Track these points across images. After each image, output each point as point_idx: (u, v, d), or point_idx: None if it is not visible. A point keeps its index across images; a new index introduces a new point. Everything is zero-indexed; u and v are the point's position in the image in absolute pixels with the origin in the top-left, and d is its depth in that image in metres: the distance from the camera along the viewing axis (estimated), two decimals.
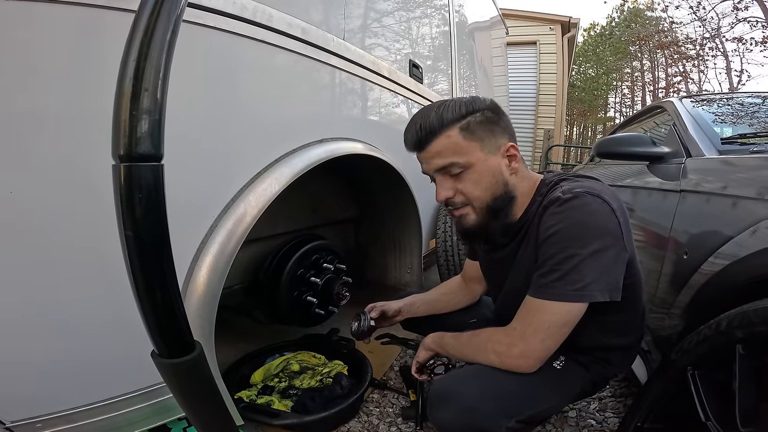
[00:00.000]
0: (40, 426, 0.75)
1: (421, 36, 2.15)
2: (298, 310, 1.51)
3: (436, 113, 0.83)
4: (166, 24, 0.58)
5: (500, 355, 0.81)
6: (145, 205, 0.57)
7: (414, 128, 0.85)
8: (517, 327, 0.81)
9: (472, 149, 0.83)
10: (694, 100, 1.75)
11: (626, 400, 1.36)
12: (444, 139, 0.83)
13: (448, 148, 0.83)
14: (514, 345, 0.80)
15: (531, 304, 0.79)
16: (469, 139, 0.82)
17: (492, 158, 0.84)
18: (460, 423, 0.79)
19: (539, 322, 0.77)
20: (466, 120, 0.82)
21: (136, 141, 0.54)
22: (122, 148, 0.55)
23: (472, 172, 0.84)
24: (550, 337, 0.78)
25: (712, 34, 14.78)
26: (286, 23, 1.07)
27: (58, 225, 0.72)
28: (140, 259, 0.58)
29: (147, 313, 0.61)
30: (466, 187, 0.85)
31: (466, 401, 0.79)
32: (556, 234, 0.77)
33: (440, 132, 0.82)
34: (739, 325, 0.66)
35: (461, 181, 0.85)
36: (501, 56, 4.26)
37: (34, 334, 0.73)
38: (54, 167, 0.70)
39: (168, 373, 0.67)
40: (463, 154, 0.83)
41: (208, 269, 0.91)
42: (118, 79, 0.56)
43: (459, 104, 0.83)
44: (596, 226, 0.75)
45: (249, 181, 1.01)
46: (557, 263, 0.76)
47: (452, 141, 0.82)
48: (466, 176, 0.84)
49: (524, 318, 0.80)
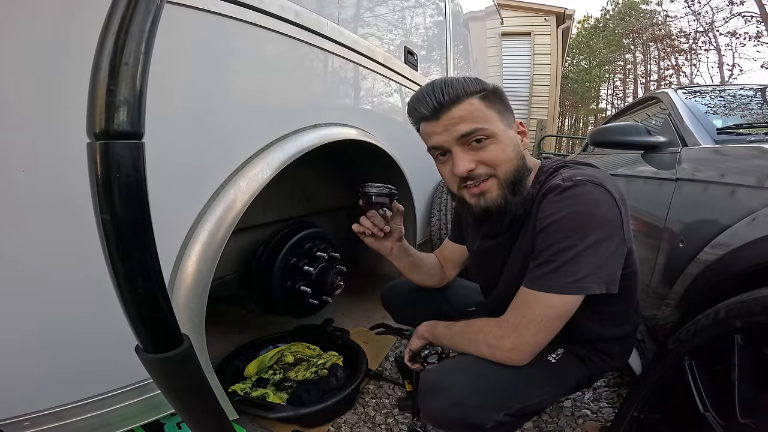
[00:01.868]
0: (28, 424, 0.72)
1: (416, 24, 2.12)
2: (291, 300, 1.49)
3: (457, 81, 0.79)
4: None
5: (492, 347, 0.80)
6: (124, 186, 0.54)
7: (433, 93, 0.79)
8: (510, 319, 0.79)
9: (494, 119, 0.80)
10: (689, 91, 1.75)
11: (620, 390, 1.37)
12: (467, 105, 0.79)
13: (472, 114, 0.78)
14: (506, 337, 0.78)
15: (526, 295, 0.77)
16: (490, 108, 0.80)
17: (510, 131, 0.83)
18: (449, 415, 0.79)
19: (533, 315, 0.76)
20: (484, 92, 0.80)
21: (113, 117, 0.51)
22: (98, 125, 0.51)
23: (496, 142, 0.80)
24: (543, 330, 0.76)
25: (706, 28, 14.85)
26: (279, 6, 1.04)
27: (35, 213, 0.68)
28: (118, 245, 0.55)
29: (128, 304, 0.58)
30: (492, 157, 0.80)
31: (455, 393, 0.78)
32: (555, 223, 0.74)
33: (464, 98, 0.79)
34: (738, 314, 0.65)
35: (485, 151, 0.80)
36: (495, 46, 4.23)
37: (19, 329, 0.70)
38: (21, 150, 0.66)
39: (154, 368, 0.64)
40: (488, 121, 0.79)
41: (197, 258, 0.88)
42: (95, 53, 0.52)
43: (472, 80, 0.81)
44: (597, 216, 0.73)
45: (239, 166, 0.98)
46: (554, 254, 0.73)
47: (476, 107, 0.79)
48: (489, 146, 0.79)
49: (518, 310, 0.78)
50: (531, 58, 8.57)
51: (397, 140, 1.70)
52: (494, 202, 0.82)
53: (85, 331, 0.77)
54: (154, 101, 0.60)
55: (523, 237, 0.85)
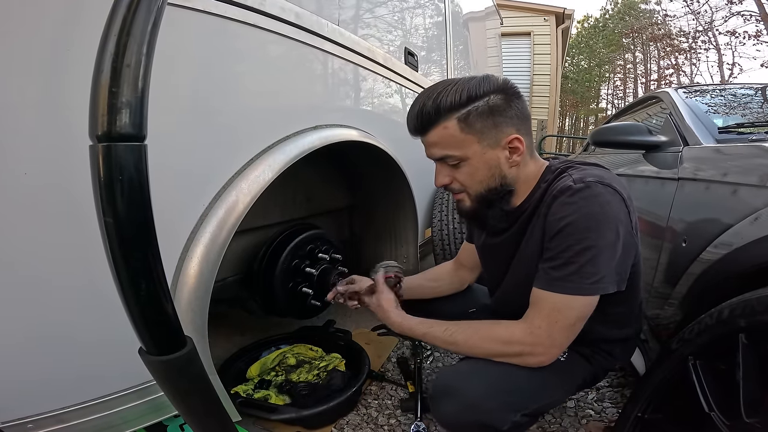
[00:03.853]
0: (32, 426, 0.72)
1: (416, 25, 2.12)
2: (293, 301, 1.49)
3: (434, 101, 0.79)
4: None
5: (522, 355, 0.79)
6: (127, 188, 0.54)
7: (412, 114, 0.83)
8: (541, 326, 0.77)
9: (468, 142, 0.80)
10: (689, 90, 1.75)
11: (624, 390, 1.37)
12: (441, 130, 0.80)
13: (444, 140, 0.81)
14: (540, 344, 0.77)
15: (552, 299, 0.76)
16: (466, 132, 0.79)
17: (490, 152, 0.81)
18: (464, 418, 0.78)
19: (565, 319, 0.75)
20: (466, 110, 0.78)
21: (115, 119, 0.51)
22: (100, 127, 0.51)
23: (467, 165, 0.82)
24: (574, 332, 0.77)
25: (705, 27, 14.86)
26: (279, 7, 1.04)
27: (38, 215, 0.68)
28: (121, 248, 0.55)
29: (131, 306, 0.57)
30: (461, 178, 0.85)
31: (469, 396, 0.78)
32: (570, 225, 0.74)
33: (437, 122, 0.80)
34: (741, 313, 0.65)
35: (458, 172, 0.84)
36: (495, 47, 4.23)
37: (21, 331, 0.70)
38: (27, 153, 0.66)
39: (157, 371, 0.64)
40: (459, 147, 0.80)
41: (200, 260, 0.88)
42: (97, 55, 0.52)
43: (461, 90, 0.78)
44: (610, 217, 0.73)
45: (241, 168, 0.97)
46: (573, 255, 0.73)
47: (449, 133, 0.80)
48: (461, 167, 0.83)
49: (549, 316, 0.76)
50: (531, 58, 8.58)
51: (399, 141, 1.70)
52: (468, 211, 0.89)
53: (87, 333, 0.77)
54: (155, 103, 0.60)
55: (530, 237, 0.85)
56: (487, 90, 0.79)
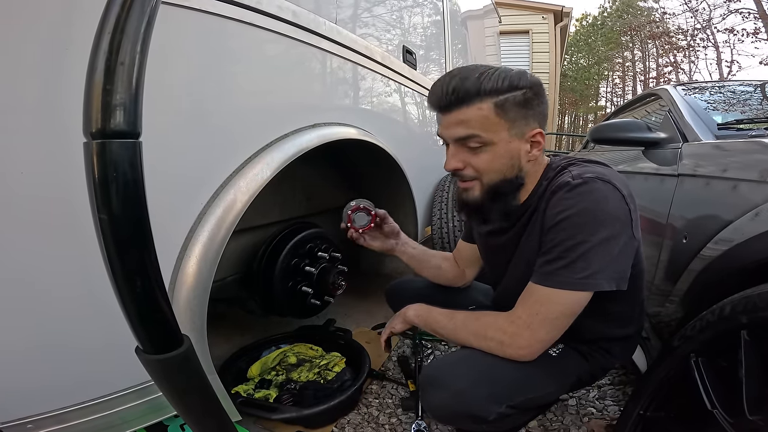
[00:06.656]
0: (32, 427, 0.72)
1: (414, 23, 2.12)
2: (293, 300, 1.48)
3: (476, 79, 0.76)
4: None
5: (502, 344, 0.79)
6: (121, 185, 0.53)
7: (445, 88, 0.78)
8: (522, 316, 0.78)
9: (499, 128, 0.78)
10: (688, 87, 1.74)
11: (625, 387, 1.36)
12: (475, 110, 0.77)
13: (475, 120, 0.78)
14: (519, 335, 0.77)
15: (537, 292, 0.76)
16: (500, 116, 0.78)
17: (515, 142, 0.80)
18: (450, 408, 0.78)
19: (546, 312, 0.75)
20: (504, 96, 0.77)
21: (109, 116, 0.51)
22: (94, 124, 0.51)
23: (490, 151, 0.80)
24: (556, 327, 0.76)
25: (703, 25, 14.86)
26: (276, 6, 1.04)
27: (35, 214, 0.67)
28: (116, 245, 0.55)
29: (126, 304, 0.57)
30: (479, 163, 0.81)
31: (456, 386, 0.78)
32: (565, 220, 0.74)
33: (473, 101, 0.77)
34: (743, 310, 0.65)
35: (477, 157, 0.81)
36: (494, 45, 4.23)
37: (21, 331, 0.69)
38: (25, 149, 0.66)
39: (154, 369, 0.63)
40: (489, 130, 0.78)
41: (198, 259, 0.87)
42: (91, 52, 0.52)
43: (504, 77, 0.77)
44: (606, 213, 0.73)
45: (239, 167, 0.97)
46: (565, 250, 0.73)
47: (482, 114, 0.77)
48: (483, 153, 0.80)
49: (531, 307, 0.77)
50: (530, 56, 8.58)
51: (398, 139, 1.70)
52: (473, 201, 0.86)
53: (87, 333, 0.76)
54: (152, 102, 0.60)
55: (529, 233, 0.85)
56: (525, 84, 0.79)
